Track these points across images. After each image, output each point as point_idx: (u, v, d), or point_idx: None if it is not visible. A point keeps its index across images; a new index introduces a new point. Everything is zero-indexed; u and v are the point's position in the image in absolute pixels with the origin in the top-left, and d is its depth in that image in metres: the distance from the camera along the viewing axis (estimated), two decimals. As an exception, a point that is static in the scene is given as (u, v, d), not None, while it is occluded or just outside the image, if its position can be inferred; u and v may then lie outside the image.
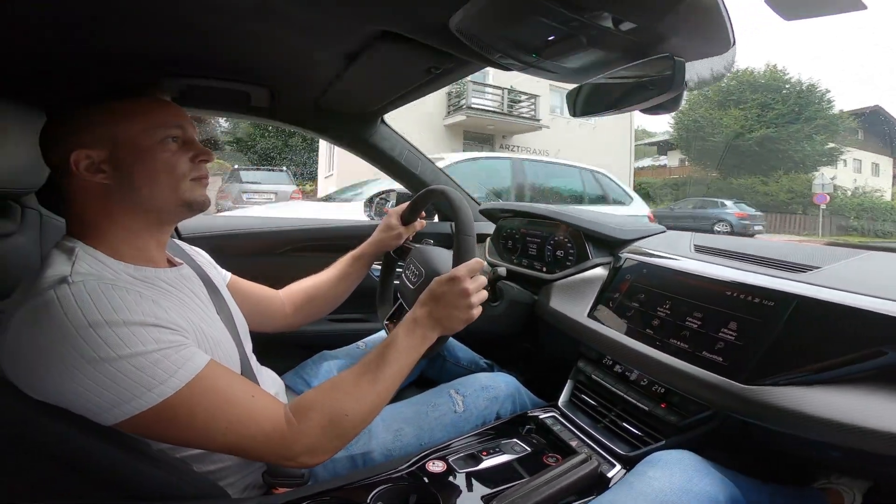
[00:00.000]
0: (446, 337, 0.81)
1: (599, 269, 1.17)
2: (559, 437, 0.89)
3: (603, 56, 0.76)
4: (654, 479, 0.68)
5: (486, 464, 0.81)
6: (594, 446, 0.86)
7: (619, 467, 0.80)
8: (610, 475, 0.79)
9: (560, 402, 1.01)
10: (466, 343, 1.37)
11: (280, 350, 1.16)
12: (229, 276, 0.99)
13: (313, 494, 0.70)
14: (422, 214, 1.17)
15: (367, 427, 0.72)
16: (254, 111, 1.28)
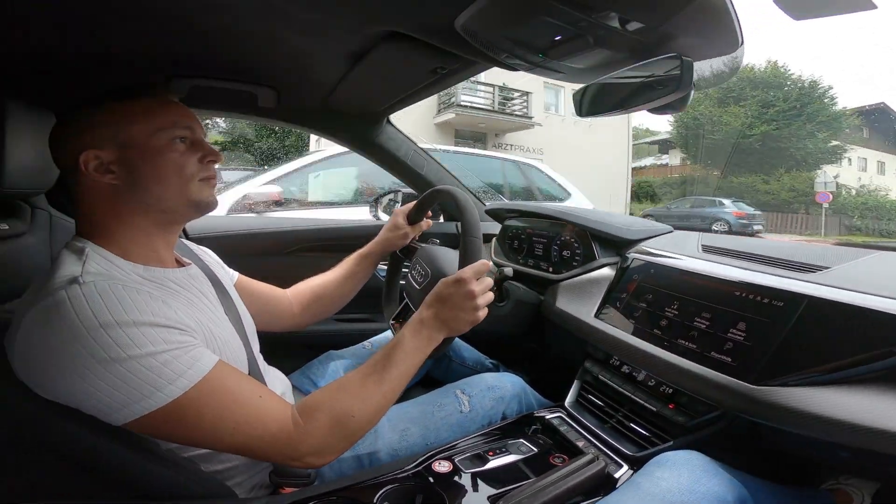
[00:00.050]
0: (452, 338, 0.81)
1: (606, 270, 1.17)
2: (566, 437, 0.89)
3: (610, 56, 0.75)
4: (662, 480, 0.67)
5: (493, 464, 0.81)
6: (601, 447, 0.86)
7: (626, 468, 0.80)
8: (617, 475, 0.78)
9: (567, 402, 1.00)
10: (472, 343, 1.37)
11: (286, 350, 1.16)
12: (237, 275, 0.99)
13: (320, 494, 0.70)
14: (428, 214, 1.17)
15: (373, 427, 0.72)
16: (261, 112, 1.28)
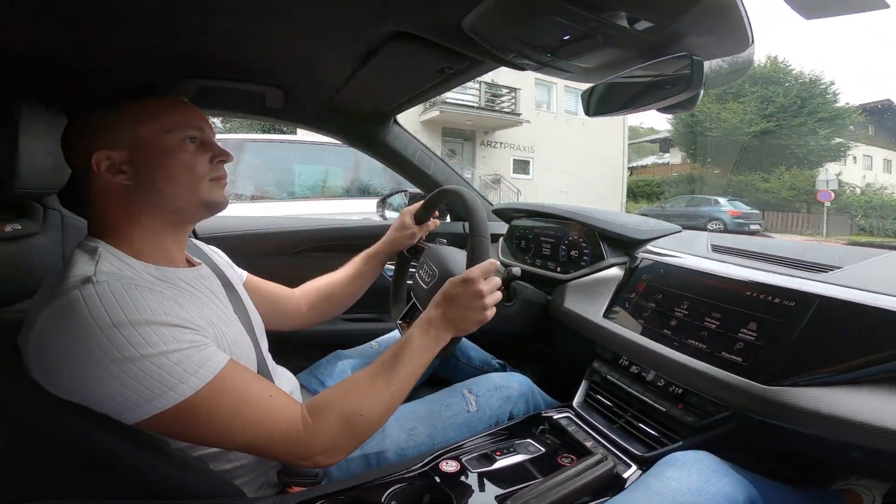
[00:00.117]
0: (460, 338, 0.81)
1: (615, 269, 1.17)
2: (574, 437, 0.88)
3: (619, 55, 0.75)
4: (672, 480, 0.67)
5: (500, 464, 0.81)
6: (609, 447, 0.85)
7: (634, 468, 0.80)
8: (626, 476, 0.78)
9: (575, 402, 1.00)
10: (479, 343, 1.37)
11: (294, 349, 1.17)
12: (246, 275, 1.00)
13: (328, 494, 0.70)
14: (435, 214, 1.17)
15: (381, 426, 0.72)
16: (269, 112, 1.29)
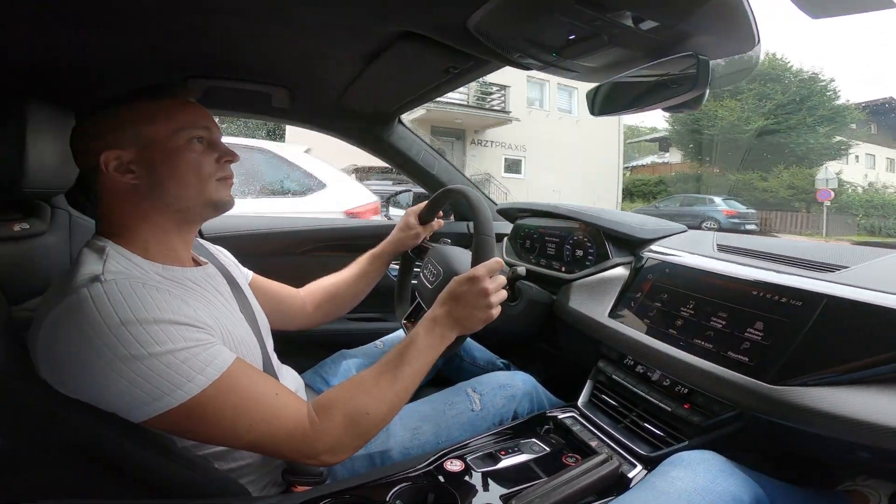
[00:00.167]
0: (465, 336, 0.81)
1: (620, 269, 1.16)
2: (579, 437, 0.88)
3: (625, 55, 0.75)
4: (678, 479, 0.67)
5: (505, 463, 0.80)
6: (615, 447, 0.85)
7: (640, 468, 0.79)
8: (631, 475, 0.78)
9: (580, 402, 1.00)
10: (484, 343, 1.37)
11: (300, 349, 1.17)
12: (251, 274, 1.00)
13: (333, 493, 0.70)
14: (439, 214, 1.17)
15: (386, 425, 0.72)
16: (275, 112, 1.29)
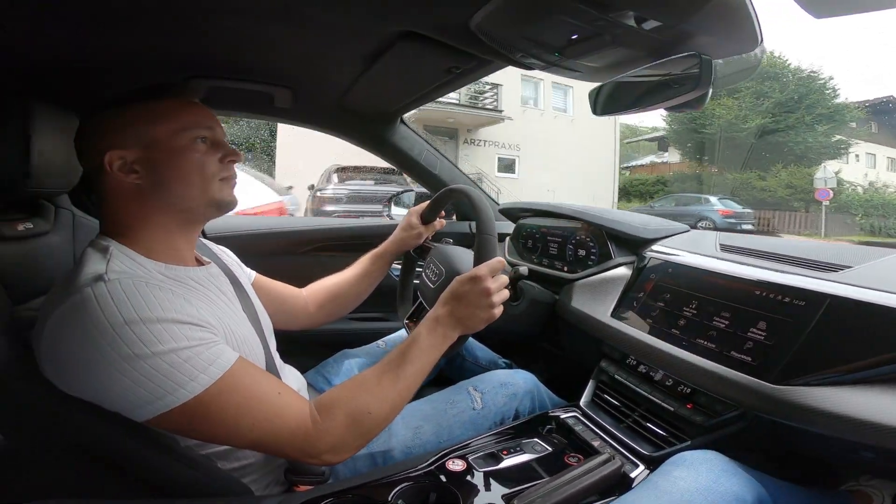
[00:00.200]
0: (467, 336, 0.81)
1: (623, 269, 1.16)
2: (581, 436, 0.88)
3: (627, 54, 0.75)
4: (680, 479, 0.67)
5: (507, 463, 0.80)
6: (617, 446, 0.85)
7: (642, 467, 0.79)
8: (633, 475, 0.77)
9: (582, 402, 1.00)
10: (485, 342, 1.37)
11: (302, 348, 1.17)
12: (254, 274, 1.01)
13: (335, 492, 0.70)
14: (441, 214, 1.17)
15: (388, 424, 0.72)
16: (277, 112, 1.30)
